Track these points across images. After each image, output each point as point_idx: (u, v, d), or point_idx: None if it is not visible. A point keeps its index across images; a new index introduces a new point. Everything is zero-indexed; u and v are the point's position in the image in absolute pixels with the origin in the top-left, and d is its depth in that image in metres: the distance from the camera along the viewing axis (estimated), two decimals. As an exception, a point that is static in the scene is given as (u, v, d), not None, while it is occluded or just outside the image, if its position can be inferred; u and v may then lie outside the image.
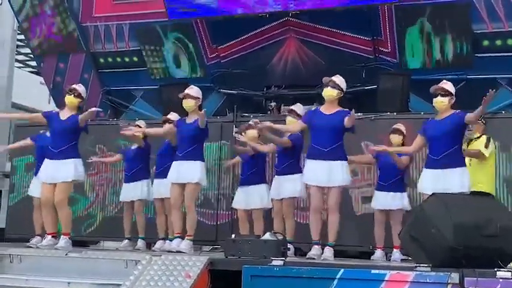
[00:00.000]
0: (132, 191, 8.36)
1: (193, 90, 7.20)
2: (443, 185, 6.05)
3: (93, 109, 7.10)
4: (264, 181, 7.84)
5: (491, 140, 7.39)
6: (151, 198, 8.31)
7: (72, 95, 7.13)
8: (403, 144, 7.45)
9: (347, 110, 6.59)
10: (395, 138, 7.54)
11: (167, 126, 7.67)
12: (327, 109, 6.67)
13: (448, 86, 6.37)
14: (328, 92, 6.65)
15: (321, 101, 6.89)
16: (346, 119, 6.46)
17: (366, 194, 8.55)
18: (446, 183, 6.08)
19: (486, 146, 7.27)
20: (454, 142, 6.24)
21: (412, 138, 6.83)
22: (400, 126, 7.65)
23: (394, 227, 7.39)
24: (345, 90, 6.74)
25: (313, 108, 6.99)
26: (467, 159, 6.75)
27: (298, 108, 7.74)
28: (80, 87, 7.25)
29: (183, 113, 7.37)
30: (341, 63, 9.67)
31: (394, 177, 7.46)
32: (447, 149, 6.19)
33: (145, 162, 8.40)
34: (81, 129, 7.12)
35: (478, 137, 7.37)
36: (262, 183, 7.79)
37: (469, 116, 6.16)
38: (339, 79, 6.69)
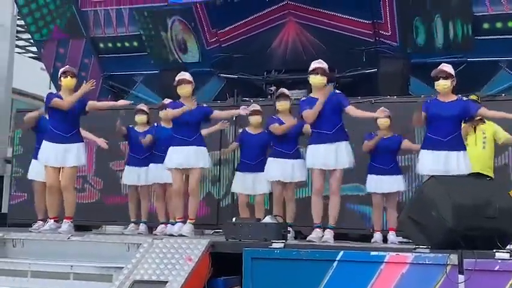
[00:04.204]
0: (143, 175, 8.28)
1: (187, 75, 7.22)
2: (446, 167, 6.15)
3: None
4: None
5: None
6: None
7: (69, 77, 7.14)
8: (390, 127, 7.50)
9: (338, 92, 6.76)
10: (383, 121, 7.46)
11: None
12: (318, 96, 6.67)
13: (448, 68, 6.49)
14: (320, 81, 6.71)
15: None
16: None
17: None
18: (449, 166, 6.18)
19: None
20: (459, 126, 6.42)
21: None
22: (386, 110, 7.56)
23: (390, 210, 7.46)
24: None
25: (303, 98, 6.99)
26: (479, 143, 6.83)
27: (286, 90, 7.67)
28: (71, 68, 7.32)
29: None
30: (341, 46, 9.64)
31: (389, 160, 7.46)
32: (453, 132, 6.30)
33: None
34: (81, 111, 7.16)
35: (480, 119, 7.29)
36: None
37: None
38: (324, 65, 6.74)
